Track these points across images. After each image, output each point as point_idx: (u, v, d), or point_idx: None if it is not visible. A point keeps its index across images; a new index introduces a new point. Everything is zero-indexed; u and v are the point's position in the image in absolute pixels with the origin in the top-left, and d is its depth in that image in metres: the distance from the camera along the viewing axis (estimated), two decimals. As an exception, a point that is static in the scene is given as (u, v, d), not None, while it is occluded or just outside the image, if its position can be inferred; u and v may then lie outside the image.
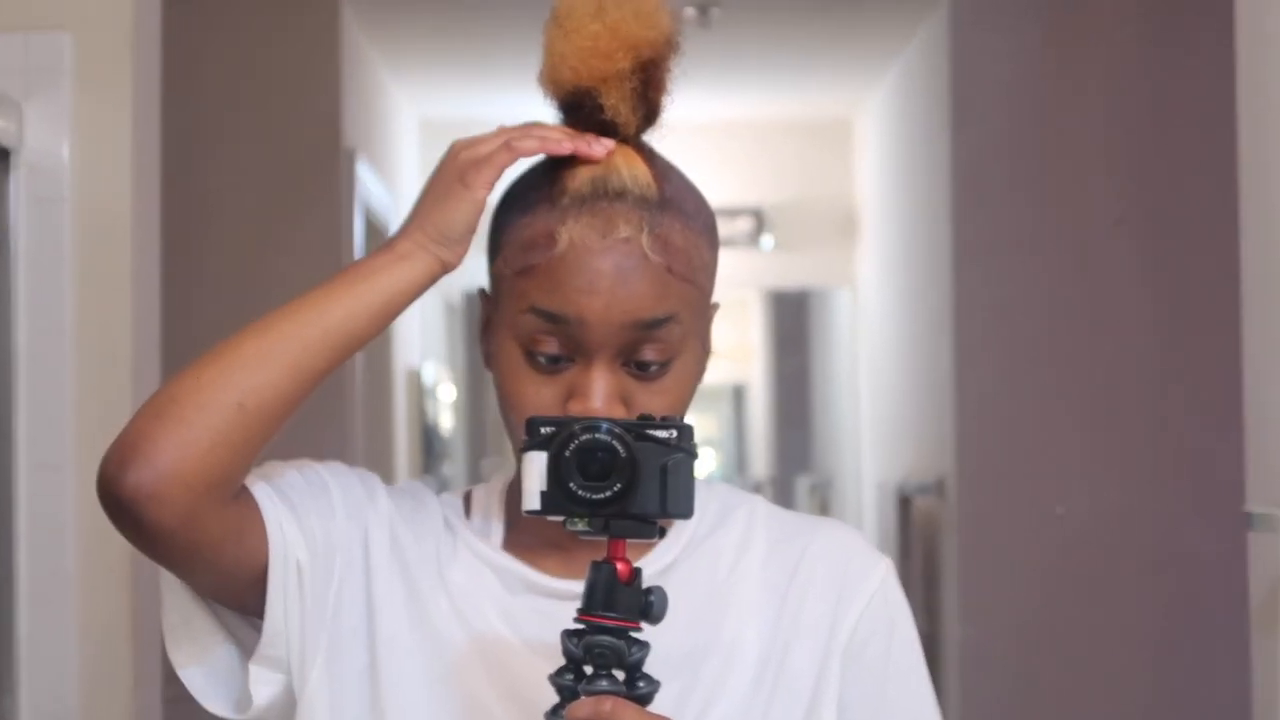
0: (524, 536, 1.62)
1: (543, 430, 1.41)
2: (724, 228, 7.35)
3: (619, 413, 1.52)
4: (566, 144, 1.55)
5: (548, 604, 1.58)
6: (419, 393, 6.97)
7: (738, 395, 8.88)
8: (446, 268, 1.55)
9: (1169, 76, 5.16)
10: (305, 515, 1.57)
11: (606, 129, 1.57)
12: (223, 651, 1.59)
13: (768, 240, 7.52)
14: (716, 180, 7.35)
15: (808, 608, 1.61)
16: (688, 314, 1.55)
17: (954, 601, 5.40)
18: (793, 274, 7.71)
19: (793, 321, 8.18)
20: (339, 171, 5.26)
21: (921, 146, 5.96)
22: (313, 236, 5.18)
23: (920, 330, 6.03)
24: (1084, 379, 5.26)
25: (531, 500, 1.41)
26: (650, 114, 1.60)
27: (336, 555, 1.58)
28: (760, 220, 7.51)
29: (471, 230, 1.55)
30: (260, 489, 1.55)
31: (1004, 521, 5.27)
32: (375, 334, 1.56)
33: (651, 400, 1.53)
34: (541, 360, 1.54)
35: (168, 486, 1.45)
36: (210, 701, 1.59)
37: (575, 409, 1.51)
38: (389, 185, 6.18)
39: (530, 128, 1.57)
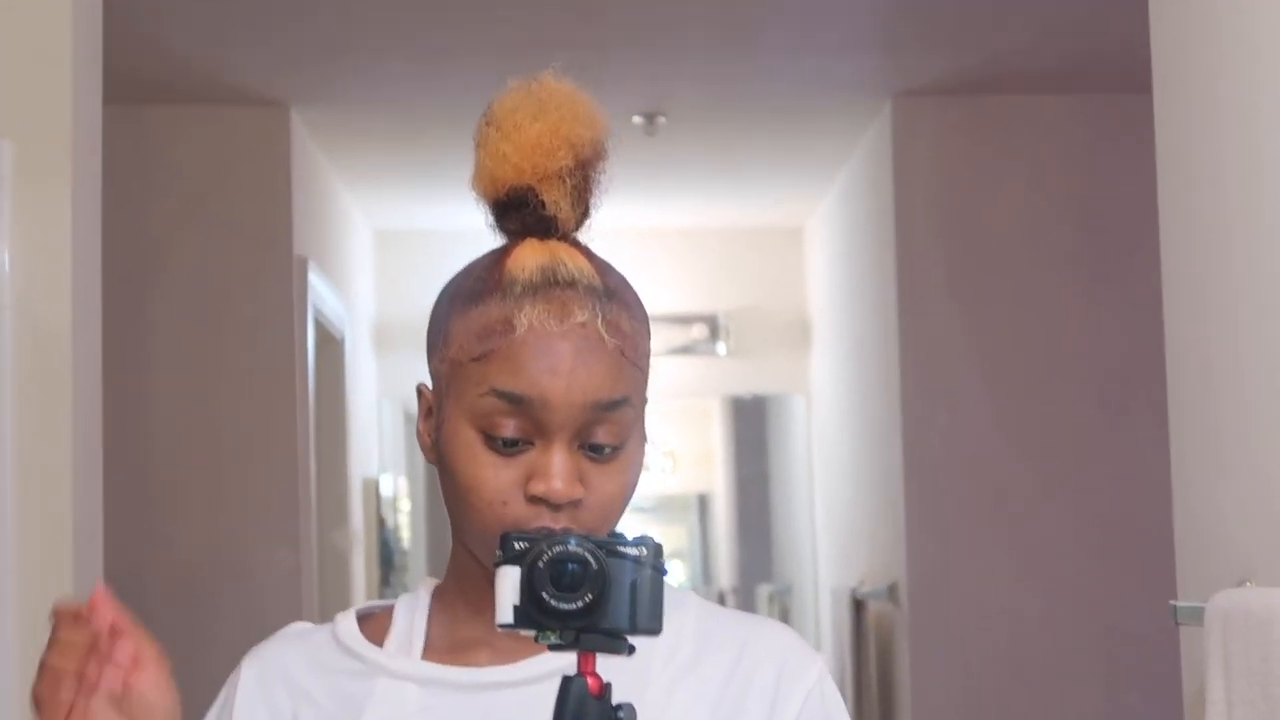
0: (450, 639, 1.63)
1: (516, 545, 1.43)
2: (679, 334, 7.46)
3: (579, 491, 1.54)
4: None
5: (477, 699, 1.58)
6: (376, 503, 6.96)
7: (702, 504, 8.86)
8: None
9: (1099, 177, 5.28)
10: None
11: (546, 225, 1.59)
12: None
13: (722, 347, 7.55)
14: (670, 287, 7.40)
15: (747, 703, 1.62)
16: (636, 398, 1.58)
17: (907, 704, 5.41)
18: (749, 380, 7.73)
19: (752, 428, 8.18)
20: (290, 279, 5.26)
21: (868, 253, 6.02)
22: (264, 344, 5.19)
23: (872, 437, 6.06)
24: (1030, 483, 5.32)
25: (505, 614, 1.41)
26: (584, 212, 1.62)
27: None
28: (714, 327, 7.55)
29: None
30: None
31: (955, 624, 5.31)
32: None
33: (606, 482, 1.56)
34: (500, 444, 1.55)
35: None
36: None
37: (537, 488, 1.53)
38: (341, 294, 6.20)
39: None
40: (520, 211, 1.59)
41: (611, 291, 1.58)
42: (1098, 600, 5.24)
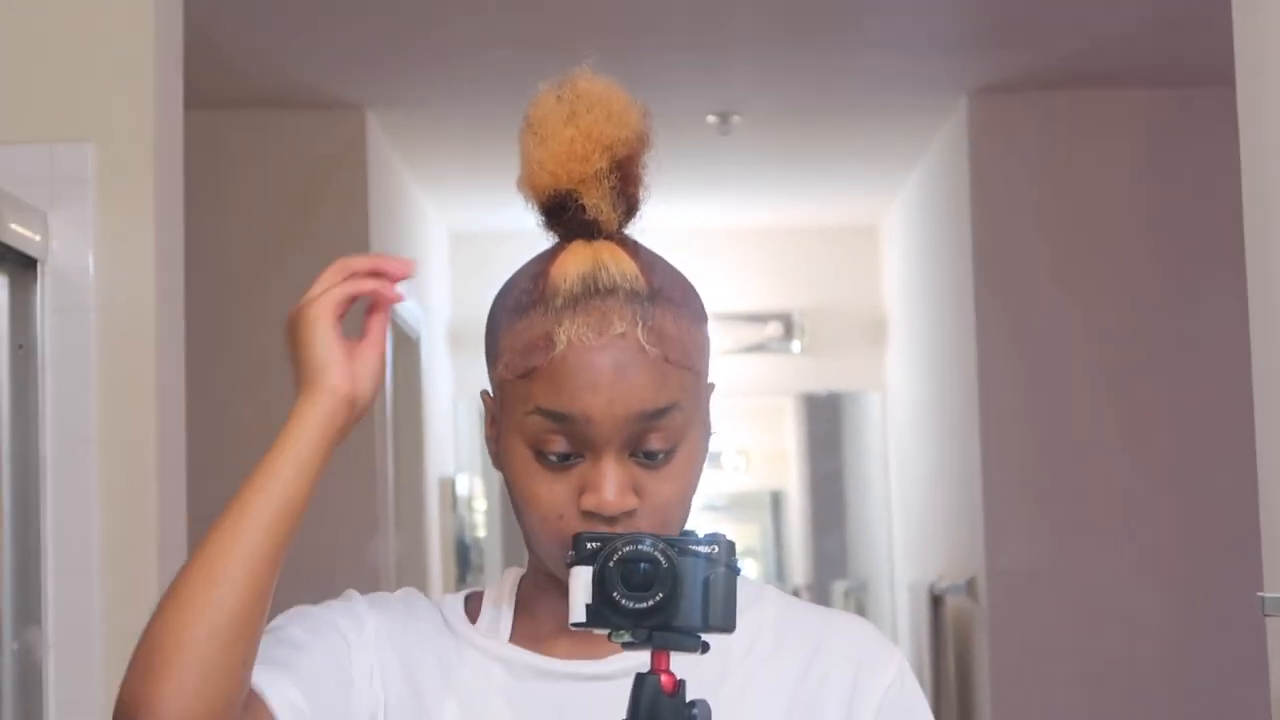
0: (533, 628, 1.64)
1: (588, 545, 1.44)
2: (753, 333, 7.45)
3: (631, 502, 1.54)
4: (367, 284, 1.62)
5: (555, 688, 1.60)
6: (453, 503, 6.98)
7: (775, 501, 8.86)
8: (338, 395, 1.58)
9: (1180, 172, 5.24)
10: (310, 674, 1.58)
11: (590, 228, 1.59)
12: None
13: (796, 345, 7.55)
14: (744, 286, 7.40)
15: (824, 697, 1.62)
16: (687, 400, 1.57)
17: (987, 700, 5.39)
18: (823, 378, 7.72)
19: (826, 425, 8.17)
20: (368, 281, 5.28)
21: (945, 250, 6.00)
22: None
23: (948, 432, 6.04)
24: (1111, 479, 5.29)
25: (577, 613, 1.43)
26: (630, 208, 1.62)
27: (350, 690, 1.60)
28: (789, 325, 7.54)
29: (330, 350, 1.59)
30: (264, 678, 1.56)
31: (1034, 620, 5.28)
32: (308, 496, 1.56)
33: (661, 487, 1.56)
34: (551, 459, 1.56)
35: None
36: None
37: (589, 503, 1.54)
38: (418, 297, 6.22)
39: (349, 279, 1.63)
40: (564, 215, 1.59)
41: (656, 292, 1.58)
42: (1183, 594, 5.21)
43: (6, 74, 2.56)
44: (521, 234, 1.66)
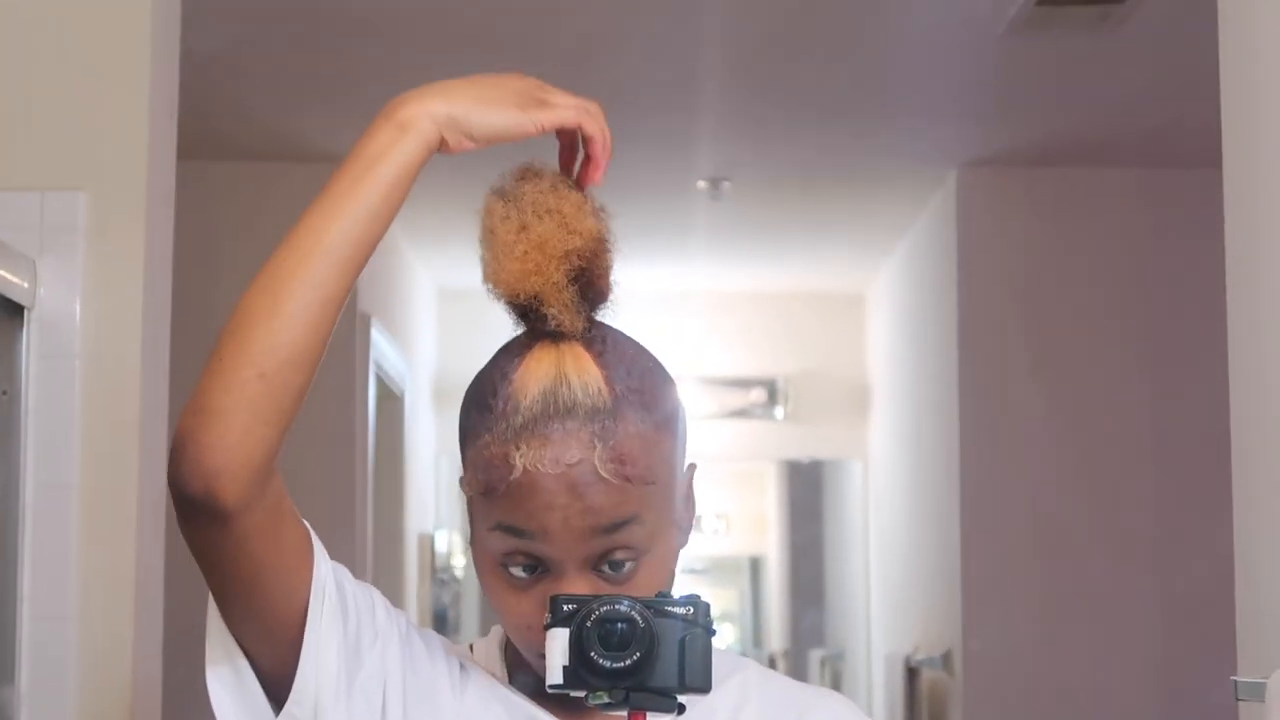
0: (524, 682, 1.65)
1: (565, 607, 1.45)
2: (738, 398, 7.46)
3: None
4: (597, 172, 1.62)
5: None
6: (431, 559, 6.97)
7: (755, 567, 8.86)
8: (439, 149, 1.57)
9: (1166, 253, 5.27)
10: (344, 582, 1.59)
11: (555, 334, 1.58)
12: (258, 692, 1.58)
13: (780, 411, 7.55)
14: (730, 350, 7.41)
15: None
16: (648, 512, 1.56)
17: (960, 774, 5.39)
18: (806, 445, 7.73)
19: (807, 492, 8.17)
20: (353, 335, 5.29)
21: (930, 321, 6.01)
22: (326, 399, 5.18)
23: (929, 504, 6.04)
24: (1089, 559, 5.30)
25: (555, 675, 1.43)
26: (596, 303, 1.61)
27: (365, 631, 1.60)
28: (773, 391, 7.55)
29: (493, 138, 1.58)
30: (320, 554, 1.58)
31: (1009, 694, 5.28)
32: (386, 230, 1.54)
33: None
34: (517, 574, 1.57)
35: (218, 484, 1.45)
36: None
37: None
38: (403, 350, 6.23)
39: (597, 118, 1.64)
40: (530, 315, 1.58)
41: (619, 403, 1.56)
42: (1159, 674, 5.21)
43: None
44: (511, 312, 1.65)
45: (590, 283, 1.58)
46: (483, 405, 1.59)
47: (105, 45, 2.59)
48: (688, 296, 7.10)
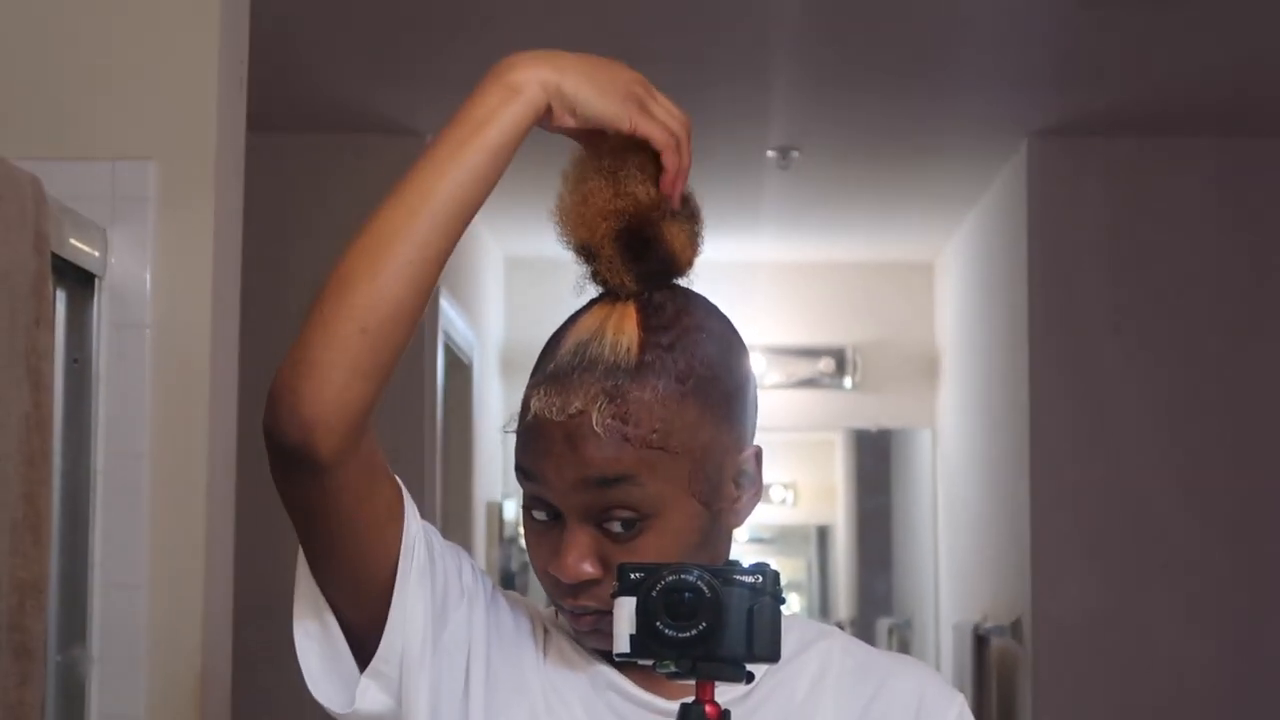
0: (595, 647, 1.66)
1: (632, 576, 1.45)
2: (806, 368, 7.45)
3: (589, 572, 1.57)
4: (677, 183, 1.62)
5: (630, 709, 1.62)
6: (499, 527, 6.99)
7: (822, 536, 8.87)
8: (544, 117, 1.58)
9: (1246, 223, 5.22)
10: (434, 543, 1.63)
11: (615, 293, 1.62)
12: (345, 649, 1.61)
13: (848, 380, 7.54)
14: (798, 320, 7.40)
15: None
16: (651, 477, 1.56)
17: (1029, 744, 5.37)
18: (875, 414, 7.71)
19: (875, 461, 8.16)
20: (422, 305, 5.30)
21: (1000, 291, 5.99)
22: (396, 370, 5.23)
23: (998, 473, 6.03)
24: (1162, 528, 5.27)
25: (621, 643, 1.44)
26: (657, 270, 1.62)
27: (452, 591, 1.62)
28: (841, 361, 7.54)
29: (587, 127, 1.59)
30: (412, 520, 1.60)
31: (1080, 665, 5.26)
32: (490, 191, 1.56)
33: (627, 559, 1.54)
34: (536, 519, 1.62)
35: (314, 432, 1.48)
36: (320, 689, 1.60)
37: (552, 566, 1.59)
38: (471, 320, 6.24)
39: (680, 147, 1.62)
40: (588, 266, 1.63)
41: (643, 367, 1.57)
42: (1235, 645, 5.18)
43: (70, 90, 2.57)
44: (575, 260, 1.67)
45: (644, 243, 1.59)
46: (542, 353, 1.63)
47: (175, 13, 2.59)
48: (755, 266, 7.09)
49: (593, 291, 1.65)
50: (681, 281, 1.65)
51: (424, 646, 1.58)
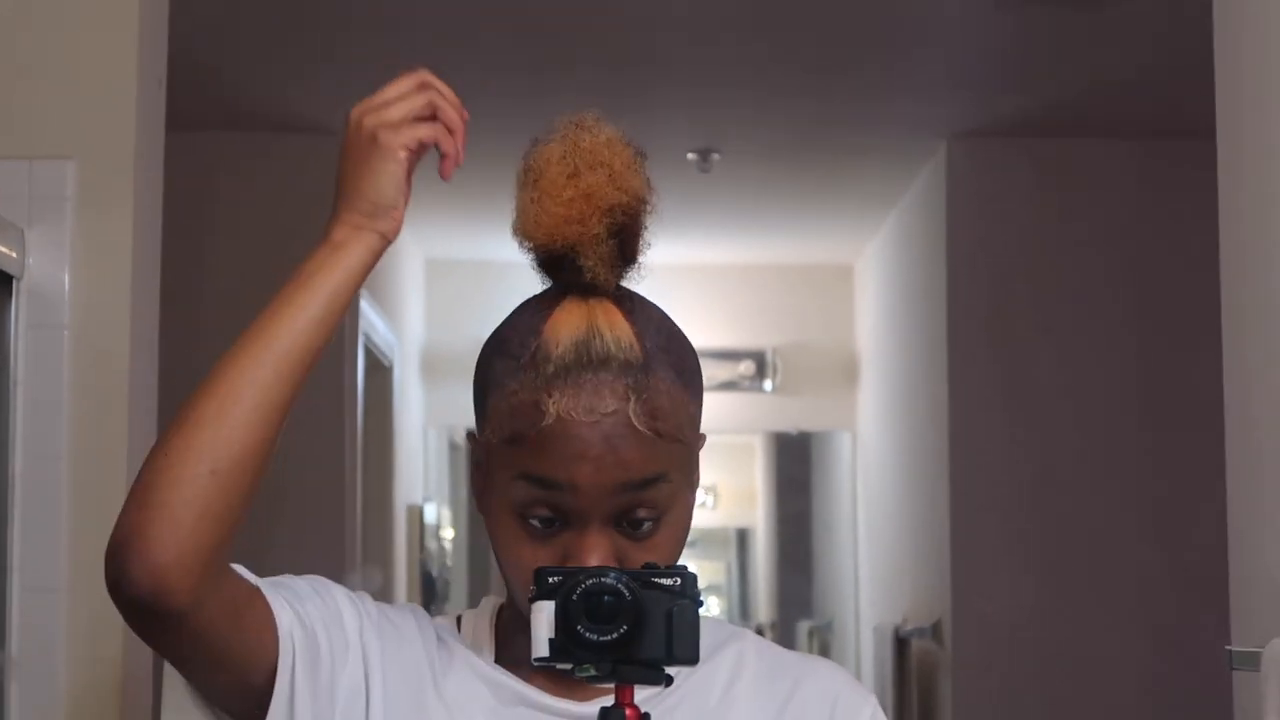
0: (513, 657, 1.64)
1: (550, 580, 1.44)
2: (726, 370, 7.45)
3: None
4: (449, 142, 1.60)
5: (538, 718, 1.60)
6: (420, 531, 6.96)
7: (742, 539, 8.86)
8: (386, 240, 1.57)
9: (1159, 225, 5.26)
10: (308, 611, 1.58)
11: (586, 287, 1.58)
12: None
13: (769, 383, 7.55)
14: (719, 323, 7.41)
15: None
16: (676, 471, 1.57)
17: (949, 745, 5.39)
18: (795, 417, 7.73)
19: (795, 464, 8.17)
20: (342, 307, 5.27)
21: (919, 292, 6.01)
22: (315, 371, 5.20)
23: (918, 475, 6.05)
24: (1082, 527, 5.29)
25: (540, 648, 1.43)
26: (629, 263, 1.61)
27: (337, 650, 1.59)
28: (761, 363, 7.55)
29: (401, 192, 1.57)
30: (264, 584, 1.56)
31: (1001, 666, 5.28)
32: (329, 338, 1.55)
33: (645, 557, 1.55)
34: (536, 525, 1.56)
35: (166, 577, 1.43)
36: None
37: None
38: (391, 322, 6.22)
39: (428, 93, 1.60)
40: (560, 268, 1.59)
41: (650, 360, 1.56)
42: (1154, 643, 5.21)
43: (-12, 89, 2.55)
44: (497, 263, 1.66)
45: (627, 240, 1.58)
46: (507, 355, 1.58)
47: (94, 12, 2.57)
48: (676, 269, 7.09)
49: (527, 291, 1.63)
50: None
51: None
